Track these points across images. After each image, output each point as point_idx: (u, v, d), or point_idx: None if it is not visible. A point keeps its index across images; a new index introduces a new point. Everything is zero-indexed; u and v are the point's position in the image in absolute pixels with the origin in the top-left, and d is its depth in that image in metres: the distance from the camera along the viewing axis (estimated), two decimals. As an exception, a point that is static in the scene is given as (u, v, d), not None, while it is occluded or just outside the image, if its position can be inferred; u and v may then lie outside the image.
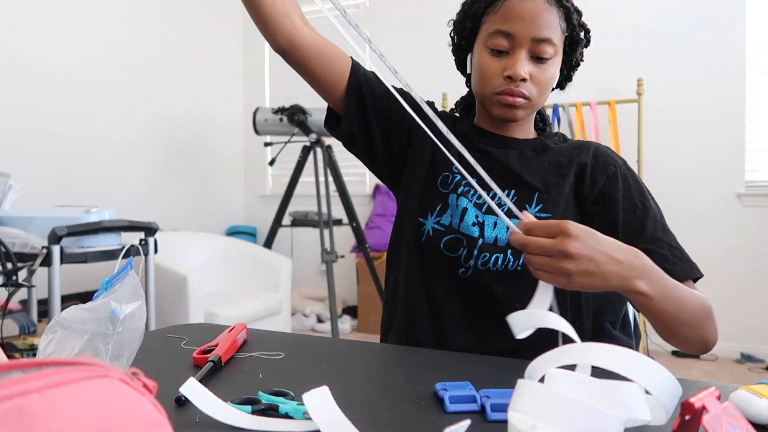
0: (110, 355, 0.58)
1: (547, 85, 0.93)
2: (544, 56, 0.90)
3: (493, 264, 0.91)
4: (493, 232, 0.93)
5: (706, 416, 0.40)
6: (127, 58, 3.58)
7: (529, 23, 0.89)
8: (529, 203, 0.93)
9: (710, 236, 3.34)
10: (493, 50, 0.91)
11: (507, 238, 0.91)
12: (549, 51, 0.90)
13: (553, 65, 0.93)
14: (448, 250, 0.94)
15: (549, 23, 0.89)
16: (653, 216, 0.91)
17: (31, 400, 0.28)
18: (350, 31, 0.87)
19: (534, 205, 0.93)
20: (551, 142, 1.01)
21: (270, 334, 0.91)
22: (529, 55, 0.90)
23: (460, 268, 0.93)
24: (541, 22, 0.89)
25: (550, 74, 0.92)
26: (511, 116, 0.93)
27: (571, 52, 0.96)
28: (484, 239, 0.92)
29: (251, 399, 0.60)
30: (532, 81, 0.91)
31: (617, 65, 3.48)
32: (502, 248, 0.91)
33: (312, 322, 3.95)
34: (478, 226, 0.93)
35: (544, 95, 0.94)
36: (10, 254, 1.75)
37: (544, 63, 0.91)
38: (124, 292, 0.61)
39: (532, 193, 0.94)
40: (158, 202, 3.81)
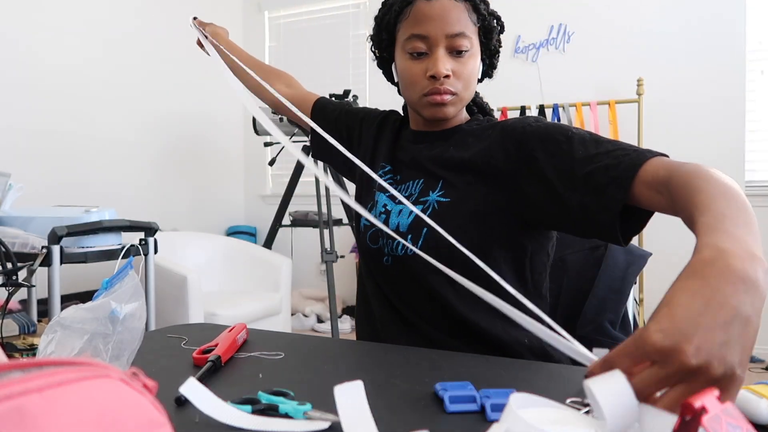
0: (110, 355, 0.58)
1: (470, 78, 0.95)
2: (461, 49, 0.93)
3: (398, 250, 0.96)
4: (396, 219, 0.97)
5: (706, 416, 0.40)
6: (127, 57, 3.58)
7: (440, 21, 0.92)
8: (432, 189, 0.96)
9: (710, 236, 3.34)
10: (412, 54, 0.95)
11: (408, 222, 0.95)
12: (465, 44, 0.93)
13: (473, 57, 0.95)
14: (372, 242, 1.01)
15: (459, 18, 0.92)
16: (579, 140, 0.83)
17: (31, 400, 0.28)
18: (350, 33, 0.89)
19: (437, 191, 0.96)
20: (467, 125, 1.01)
21: (270, 334, 0.91)
22: (447, 52, 0.93)
23: (383, 257, 0.99)
24: (451, 19, 0.92)
25: (471, 66, 0.95)
26: (442, 114, 0.96)
27: (487, 41, 0.98)
28: (389, 227, 0.97)
29: (251, 399, 0.60)
30: (455, 76, 0.94)
31: (617, 65, 3.48)
32: (403, 234, 0.94)
33: (312, 322, 3.95)
34: (384, 215, 1.00)
35: (469, 88, 0.96)
36: (10, 254, 1.75)
37: (463, 56, 0.94)
38: (124, 292, 0.61)
39: (438, 179, 0.97)
40: (158, 202, 3.81)
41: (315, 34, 4.36)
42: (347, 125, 1.19)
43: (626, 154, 0.77)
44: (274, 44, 4.54)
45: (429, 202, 0.95)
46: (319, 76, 4.32)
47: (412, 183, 1.00)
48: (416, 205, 0.95)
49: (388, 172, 1.06)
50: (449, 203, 0.93)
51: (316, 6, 4.35)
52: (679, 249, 3.37)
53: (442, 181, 0.96)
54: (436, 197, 0.95)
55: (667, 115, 3.39)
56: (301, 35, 4.43)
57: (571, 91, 3.51)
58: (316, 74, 4.34)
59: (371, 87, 4.20)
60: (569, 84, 3.55)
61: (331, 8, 4.31)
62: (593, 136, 0.84)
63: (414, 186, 0.99)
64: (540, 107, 3.38)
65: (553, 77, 3.59)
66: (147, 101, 3.73)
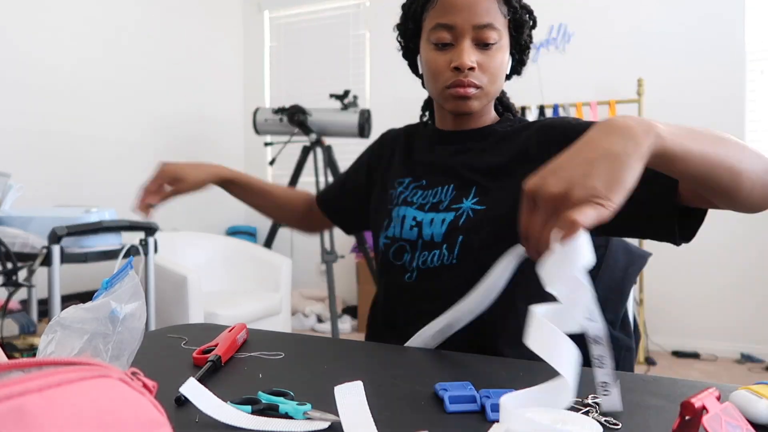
0: (110, 355, 0.58)
1: (497, 72, 0.91)
2: (489, 41, 0.89)
3: (431, 261, 0.91)
4: (429, 230, 0.93)
5: (706, 416, 0.40)
6: (127, 58, 3.58)
7: (468, 11, 0.88)
8: (465, 196, 0.93)
9: (710, 236, 3.34)
10: (437, 45, 0.91)
11: (442, 232, 0.91)
12: (493, 36, 0.89)
13: (501, 51, 0.91)
14: (395, 259, 0.96)
15: (488, 9, 0.88)
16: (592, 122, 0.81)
17: (31, 400, 0.28)
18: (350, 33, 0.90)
19: (471, 197, 0.92)
20: (500, 127, 0.98)
21: (270, 334, 0.91)
22: (473, 44, 0.89)
23: (405, 273, 0.94)
24: (479, 9, 0.88)
25: (498, 60, 0.91)
26: (466, 108, 0.92)
27: (517, 35, 0.94)
28: (422, 239, 0.93)
29: (251, 399, 0.59)
30: (481, 69, 0.90)
31: (617, 65, 3.48)
32: (438, 243, 0.91)
33: (312, 322, 3.95)
34: (416, 227, 0.94)
35: (496, 82, 0.92)
36: (10, 254, 1.75)
37: (490, 49, 0.90)
38: (124, 291, 0.61)
39: (471, 186, 0.93)
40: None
41: (315, 34, 4.36)
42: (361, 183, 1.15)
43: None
44: (274, 44, 4.54)
45: (463, 209, 0.91)
46: (319, 76, 4.33)
47: (441, 189, 0.96)
48: (448, 213, 0.92)
49: (410, 183, 1.01)
50: (484, 211, 0.90)
51: (316, 6, 4.35)
52: (679, 249, 3.37)
53: (476, 187, 0.92)
54: (471, 205, 0.91)
55: (667, 115, 3.38)
56: (301, 35, 4.43)
57: (571, 91, 3.51)
58: (316, 74, 4.34)
59: (371, 87, 4.20)
60: (569, 84, 3.55)
61: (331, 8, 4.31)
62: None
63: (444, 192, 0.96)
64: (540, 107, 3.38)
65: (553, 77, 3.59)
66: (147, 101, 3.73)
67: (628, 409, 0.58)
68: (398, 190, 1.02)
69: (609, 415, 0.56)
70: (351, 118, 3.22)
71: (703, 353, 3.32)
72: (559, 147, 0.78)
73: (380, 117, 3.66)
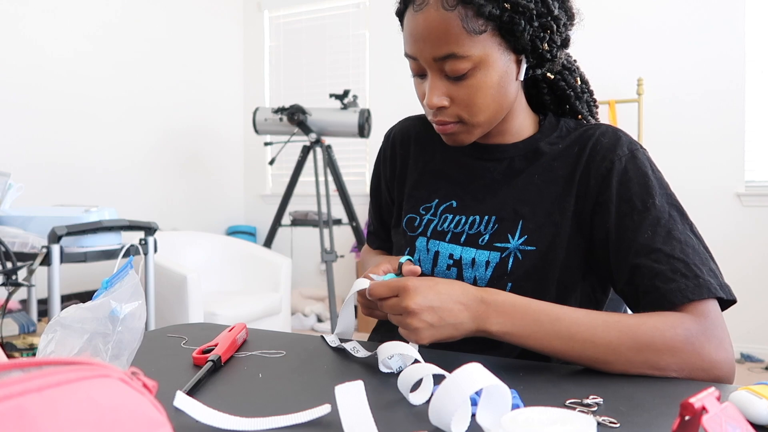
0: (110, 354, 0.58)
1: (476, 101, 0.76)
2: (457, 75, 0.74)
3: None
4: (471, 272, 0.83)
5: (706, 416, 0.40)
6: (126, 57, 3.58)
7: (423, 42, 0.74)
8: (512, 233, 0.81)
9: (710, 236, 3.33)
10: (414, 76, 0.81)
11: (487, 277, 0.81)
12: (461, 67, 0.73)
13: (480, 73, 0.74)
14: None
15: (447, 34, 0.72)
16: (654, 219, 0.74)
17: (31, 400, 0.28)
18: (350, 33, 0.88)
19: (517, 236, 0.81)
20: (547, 142, 0.84)
21: (270, 334, 0.91)
22: (442, 75, 0.76)
23: None
24: (435, 37, 0.73)
25: (477, 88, 0.75)
26: (455, 143, 0.81)
27: (514, 38, 0.74)
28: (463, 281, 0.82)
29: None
30: (455, 103, 0.76)
31: (617, 65, 3.48)
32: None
33: (312, 322, 3.95)
34: (455, 267, 0.84)
35: (482, 112, 0.77)
36: (9, 254, 1.75)
37: (464, 79, 0.75)
38: (124, 291, 0.61)
39: (516, 220, 0.82)
40: (158, 202, 3.81)
41: (315, 34, 4.36)
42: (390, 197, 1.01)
43: (684, 276, 0.70)
44: (274, 44, 4.54)
45: (510, 250, 0.81)
46: (319, 76, 4.33)
47: (480, 219, 0.84)
48: (492, 252, 0.81)
49: (438, 206, 0.89)
50: (535, 252, 0.80)
51: (316, 6, 4.35)
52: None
53: (522, 222, 0.81)
54: (518, 245, 0.80)
55: (666, 115, 3.39)
56: (301, 35, 4.43)
57: (571, 91, 3.50)
58: (316, 74, 4.34)
59: (371, 87, 4.20)
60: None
61: (331, 8, 4.31)
62: (669, 222, 0.74)
63: (485, 224, 0.83)
64: (540, 107, 3.37)
65: (553, 77, 3.58)
66: (147, 101, 3.73)
67: (628, 409, 0.58)
68: (425, 217, 0.89)
69: (608, 414, 0.56)
70: (351, 118, 3.22)
71: (702, 353, 3.32)
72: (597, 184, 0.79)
73: (380, 117, 3.66)
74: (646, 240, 0.73)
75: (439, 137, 0.91)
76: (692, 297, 0.69)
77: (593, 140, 0.81)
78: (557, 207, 0.81)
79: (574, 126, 0.87)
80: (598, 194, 0.78)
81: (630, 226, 0.75)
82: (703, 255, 0.72)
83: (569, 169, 0.81)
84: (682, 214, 0.76)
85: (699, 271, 0.70)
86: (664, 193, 0.76)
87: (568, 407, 0.58)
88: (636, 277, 0.73)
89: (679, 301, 0.69)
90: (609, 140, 0.80)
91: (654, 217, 0.74)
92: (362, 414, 0.54)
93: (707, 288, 0.69)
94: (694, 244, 0.73)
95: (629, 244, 0.74)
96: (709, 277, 0.70)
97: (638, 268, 0.73)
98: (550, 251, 0.80)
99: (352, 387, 0.55)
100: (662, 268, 0.71)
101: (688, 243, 0.72)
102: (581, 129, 0.85)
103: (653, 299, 0.71)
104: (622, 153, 0.79)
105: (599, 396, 0.61)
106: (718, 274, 0.72)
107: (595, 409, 0.58)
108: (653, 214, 0.74)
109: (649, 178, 0.77)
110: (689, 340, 0.67)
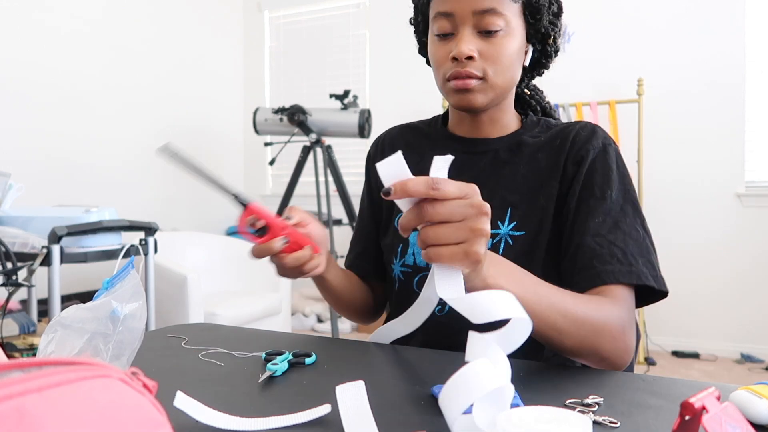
0: (110, 354, 0.58)
1: (502, 60, 0.82)
2: (491, 28, 0.81)
3: None
4: None
5: (706, 416, 0.40)
6: (126, 58, 3.58)
7: None
8: (501, 220, 0.85)
9: (710, 236, 3.34)
10: (439, 35, 0.84)
11: None
12: (497, 23, 0.80)
13: (509, 38, 0.82)
14: (420, 289, 0.83)
15: None
16: (606, 209, 0.81)
17: (31, 400, 0.28)
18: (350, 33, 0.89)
19: (507, 222, 0.85)
20: (530, 135, 0.90)
21: (270, 334, 0.91)
22: (475, 32, 0.82)
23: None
24: None
25: (504, 48, 0.82)
26: (467, 103, 0.84)
27: (535, 21, 0.85)
28: None
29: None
30: (483, 58, 0.81)
31: (617, 65, 3.48)
32: None
33: (312, 322, 3.95)
34: None
35: (503, 73, 0.83)
36: (10, 254, 1.75)
37: (494, 36, 0.81)
38: (124, 291, 0.61)
39: (505, 207, 0.86)
40: (158, 202, 3.81)
41: (315, 34, 4.37)
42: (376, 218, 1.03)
43: (618, 262, 0.76)
44: (274, 44, 4.54)
45: (500, 236, 0.85)
46: (319, 76, 4.33)
47: None
48: None
49: None
50: (524, 237, 0.84)
51: (316, 6, 4.35)
52: (679, 249, 3.37)
53: (511, 209, 0.85)
54: (508, 231, 0.84)
55: (667, 115, 3.39)
56: (301, 35, 4.43)
57: (571, 91, 3.51)
58: (316, 74, 4.34)
59: (371, 87, 4.20)
60: (569, 84, 3.55)
61: (331, 8, 4.31)
62: (619, 214, 0.80)
63: None
64: (540, 107, 3.37)
65: (553, 77, 3.59)
66: (147, 101, 3.73)
67: (628, 409, 0.58)
68: None
69: (608, 414, 0.56)
70: (351, 118, 3.22)
71: (703, 353, 3.32)
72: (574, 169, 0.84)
73: (380, 117, 3.66)
74: (595, 225, 0.80)
75: (427, 140, 0.98)
76: (622, 280, 0.75)
77: (574, 133, 0.88)
78: (543, 193, 0.86)
79: (554, 123, 0.93)
80: (572, 178, 0.85)
81: (584, 210, 0.82)
82: (644, 248, 0.79)
83: (553, 158, 0.87)
84: (636, 210, 0.82)
85: (634, 260, 0.77)
86: (622, 188, 0.83)
87: (568, 407, 0.59)
88: (577, 255, 0.80)
89: (610, 282, 0.75)
90: (587, 134, 0.87)
91: (607, 207, 0.81)
92: (363, 414, 0.54)
93: (637, 275, 0.76)
94: (637, 237, 0.80)
95: (580, 226, 0.81)
96: (644, 267, 0.77)
97: (581, 247, 0.79)
98: (538, 234, 0.84)
99: (353, 387, 0.56)
100: (602, 251, 0.78)
101: (631, 235, 0.79)
102: (561, 125, 0.91)
103: (587, 276, 0.77)
104: (597, 145, 0.85)
105: (599, 396, 0.61)
106: (656, 267, 0.79)
107: (595, 409, 0.58)
108: (607, 204, 0.81)
109: (613, 172, 0.83)
110: (623, 325, 0.73)
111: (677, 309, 3.37)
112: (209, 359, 0.77)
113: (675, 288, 3.84)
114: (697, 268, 3.35)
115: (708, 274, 3.34)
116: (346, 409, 0.54)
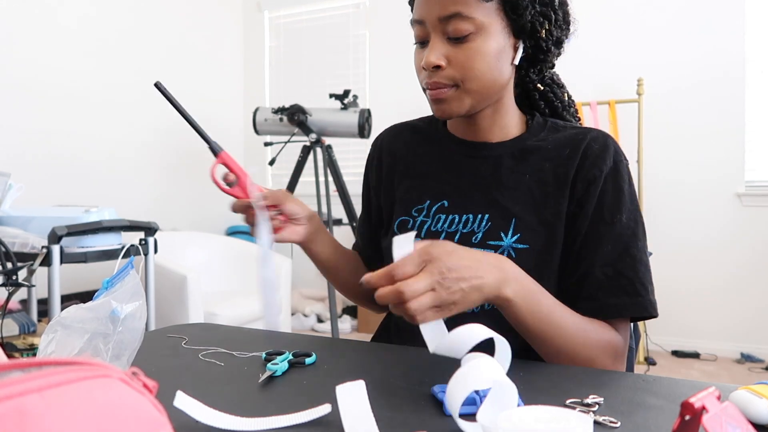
0: (110, 354, 0.58)
1: (475, 65, 0.78)
2: (459, 35, 0.77)
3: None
4: None
5: (706, 416, 0.40)
6: (126, 57, 3.58)
7: (432, 3, 0.78)
8: (504, 232, 0.82)
9: (710, 236, 3.34)
10: (416, 43, 0.83)
11: None
12: (465, 27, 0.77)
13: (481, 40, 0.77)
14: None
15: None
16: (616, 235, 0.79)
17: (31, 400, 0.28)
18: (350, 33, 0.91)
19: (510, 234, 0.82)
20: (536, 141, 0.86)
21: (270, 334, 0.91)
22: (444, 38, 0.78)
23: None
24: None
25: (476, 52, 0.78)
26: (442, 113, 0.82)
27: (517, 16, 0.79)
28: None
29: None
30: (453, 65, 0.78)
31: (617, 65, 3.48)
32: None
33: (312, 322, 3.95)
34: None
35: (478, 78, 0.79)
36: (9, 254, 1.75)
37: (465, 41, 0.77)
38: (124, 291, 0.61)
39: (509, 218, 0.83)
40: (158, 202, 3.81)
41: (315, 34, 4.36)
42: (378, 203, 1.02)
43: (625, 294, 0.77)
44: (274, 44, 4.54)
45: (503, 248, 0.82)
46: (319, 76, 4.32)
47: (473, 217, 0.85)
48: (485, 250, 0.81)
49: (430, 207, 0.89)
50: (528, 250, 0.81)
51: (316, 6, 4.35)
52: (679, 249, 3.37)
53: (515, 220, 0.82)
54: (512, 243, 0.82)
55: (667, 115, 3.39)
56: (301, 35, 4.43)
57: (571, 91, 3.49)
58: (316, 74, 4.34)
59: (371, 87, 4.19)
60: (569, 84, 3.53)
61: (331, 8, 4.31)
62: (630, 239, 0.79)
63: (478, 223, 0.84)
64: (540, 107, 3.37)
65: (553, 77, 3.58)
66: (147, 101, 3.72)
67: (628, 409, 0.58)
68: (418, 219, 0.89)
69: (608, 414, 0.56)
70: (351, 118, 3.22)
71: (703, 353, 3.32)
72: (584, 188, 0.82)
73: (380, 117, 3.66)
74: (603, 254, 0.79)
75: (426, 141, 0.95)
76: (625, 315, 0.78)
77: (585, 144, 0.84)
78: (550, 208, 0.83)
79: (562, 125, 0.89)
80: (582, 198, 0.82)
81: (594, 237, 0.81)
82: (650, 272, 0.80)
83: (562, 170, 0.83)
84: (644, 231, 0.82)
85: (643, 290, 0.78)
86: (633, 209, 0.81)
87: (569, 407, 0.59)
88: (584, 284, 0.80)
89: (613, 317, 0.78)
90: (599, 147, 0.83)
91: (617, 232, 0.80)
92: (363, 414, 0.54)
93: (644, 307, 0.77)
94: (646, 261, 0.80)
95: (588, 253, 0.80)
96: (651, 296, 0.78)
97: (587, 277, 0.79)
98: (544, 252, 0.82)
99: (353, 387, 0.56)
100: (609, 284, 0.78)
101: (642, 261, 0.79)
102: (571, 130, 0.87)
103: (591, 307, 0.78)
104: (609, 163, 0.82)
105: (599, 396, 0.61)
106: (653, 290, 0.80)
107: (596, 409, 0.58)
108: (617, 229, 0.80)
109: (623, 193, 0.81)
110: (622, 353, 0.78)
111: (677, 309, 3.37)
112: (209, 359, 0.77)
113: (675, 287, 3.86)
114: (697, 268, 3.35)
115: (708, 273, 3.34)
116: (346, 409, 0.54)
